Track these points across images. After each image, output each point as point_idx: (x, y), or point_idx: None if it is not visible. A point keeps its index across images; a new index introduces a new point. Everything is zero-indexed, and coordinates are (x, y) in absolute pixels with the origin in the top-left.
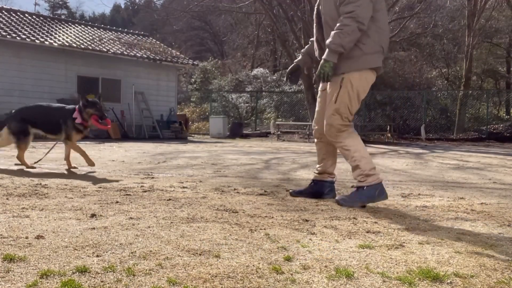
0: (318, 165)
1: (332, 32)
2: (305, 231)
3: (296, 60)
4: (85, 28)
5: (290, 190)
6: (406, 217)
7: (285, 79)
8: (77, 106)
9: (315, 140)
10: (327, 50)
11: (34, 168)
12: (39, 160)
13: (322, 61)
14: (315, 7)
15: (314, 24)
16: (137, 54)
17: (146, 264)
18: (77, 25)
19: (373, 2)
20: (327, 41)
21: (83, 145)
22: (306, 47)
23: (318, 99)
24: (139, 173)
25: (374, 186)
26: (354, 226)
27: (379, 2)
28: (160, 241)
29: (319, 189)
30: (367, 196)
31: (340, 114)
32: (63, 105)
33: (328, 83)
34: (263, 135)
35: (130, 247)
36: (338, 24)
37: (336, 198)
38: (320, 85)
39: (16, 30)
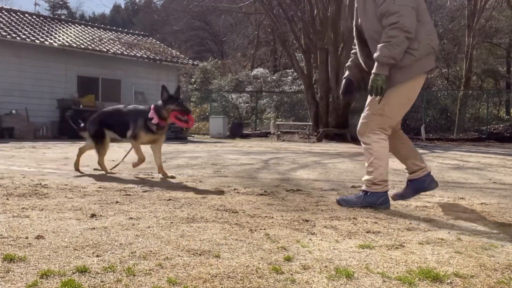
0: (404, 166)
1: (379, 45)
2: (305, 231)
3: (345, 76)
4: (85, 28)
5: (392, 195)
6: (406, 217)
7: (341, 96)
8: (153, 105)
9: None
10: (376, 63)
11: (114, 173)
12: (116, 165)
13: (372, 75)
14: (354, 24)
15: (356, 41)
16: (137, 54)
17: (146, 264)
18: (77, 25)
19: (416, 7)
20: (375, 55)
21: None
22: (350, 60)
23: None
24: (139, 173)
25: (379, 194)
26: (354, 226)
27: (421, 5)
28: (160, 241)
29: (419, 187)
30: (369, 201)
31: (382, 116)
32: (138, 105)
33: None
34: (263, 135)
35: (130, 247)
36: (384, 37)
37: (337, 198)
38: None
39: (16, 30)
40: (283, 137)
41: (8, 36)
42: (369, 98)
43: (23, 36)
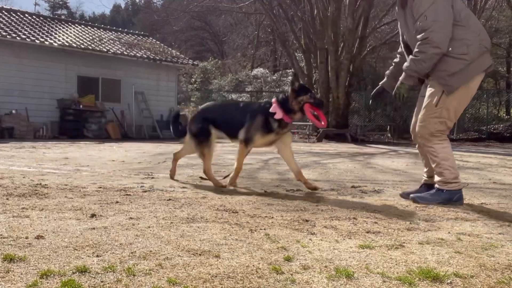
0: (425, 169)
1: (409, 57)
2: (305, 231)
3: (381, 83)
4: (85, 28)
5: (400, 192)
6: (406, 217)
7: (370, 101)
8: (275, 98)
9: (417, 145)
10: (403, 73)
11: (224, 187)
12: (227, 175)
13: (398, 83)
14: (400, 37)
15: (404, 52)
16: (137, 54)
17: (146, 264)
18: (77, 25)
19: (455, 15)
20: (404, 65)
21: (83, 145)
22: (390, 69)
23: (418, 104)
24: (139, 173)
25: (454, 191)
26: (354, 226)
27: (462, 12)
28: (160, 241)
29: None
30: (444, 198)
31: (440, 118)
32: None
33: (430, 84)
34: None
35: (130, 247)
36: (415, 51)
37: (411, 196)
38: (421, 90)
39: (16, 30)
40: None
41: (8, 36)
42: (425, 101)
43: (23, 36)
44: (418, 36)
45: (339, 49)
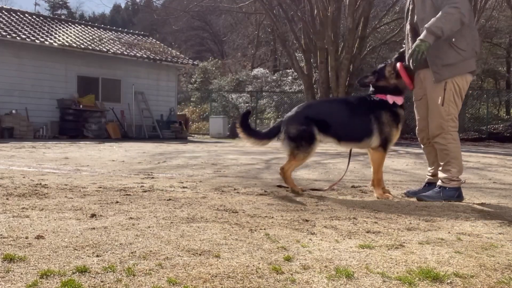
0: (429, 168)
1: (433, 18)
2: (305, 231)
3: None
4: (85, 28)
5: (405, 191)
6: (406, 217)
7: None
8: (373, 90)
9: (422, 145)
10: (424, 31)
11: (302, 195)
12: (335, 184)
13: (418, 41)
14: (408, 24)
15: (408, 39)
16: (137, 54)
17: (146, 264)
18: (77, 25)
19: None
20: (426, 25)
21: (83, 145)
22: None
23: (416, 109)
24: (139, 173)
25: (456, 188)
26: (354, 226)
27: (470, 12)
28: (160, 241)
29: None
30: (448, 195)
31: (450, 115)
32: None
33: (428, 90)
34: None
35: (130, 247)
36: (440, 13)
37: (417, 195)
38: (414, 96)
39: (16, 30)
40: None
41: (8, 36)
42: (430, 104)
43: (23, 36)
44: (445, 2)
45: (339, 49)
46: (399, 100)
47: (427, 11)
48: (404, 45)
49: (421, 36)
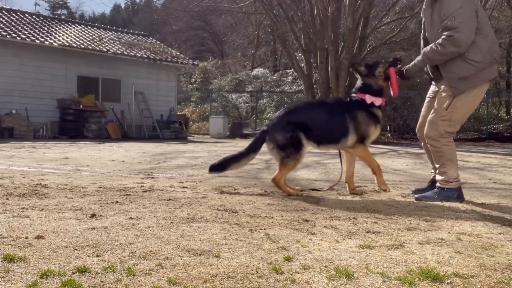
0: (432, 166)
1: (429, 46)
2: (305, 231)
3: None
4: (85, 28)
5: (413, 189)
6: (406, 217)
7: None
8: (361, 82)
9: (423, 143)
10: (421, 55)
11: (301, 195)
12: (330, 187)
13: (413, 62)
14: (421, 37)
15: (423, 48)
16: (137, 54)
17: (146, 264)
18: (77, 25)
19: (478, 22)
20: (424, 49)
21: (83, 145)
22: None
23: (425, 105)
24: (139, 173)
25: (454, 189)
26: (354, 226)
27: (484, 18)
28: (160, 241)
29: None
30: (446, 195)
31: (449, 121)
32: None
33: (442, 88)
34: None
35: (130, 247)
36: (438, 41)
37: (415, 196)
38: (429, 92)
39: (16, 30)
40: None
41: (8, 36)
42: (436, 104)
43: (23, 36)
44: (444, 33)
45: (339, 49)
46: (377, 101)
47: (434, 31)
48: (399, 52)
49: (417, 59)
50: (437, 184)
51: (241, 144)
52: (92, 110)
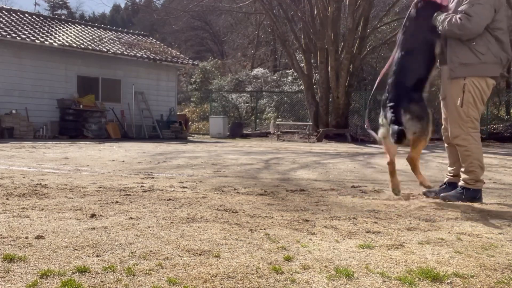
0: (450, 168)
1: (445, 14)
2: (305, 231)
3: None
4: (85, 28)
5: (424, 190)
6: (406, 217)
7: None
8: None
9: (446, 144)
10: (443, 14)
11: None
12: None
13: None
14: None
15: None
16: (137, 54)
17: (146, 264)
18: (77, 25)
19: (496, 21)
20: (443, 14)
21: (83, 145)
22: None
23: (442, 108)
24: (139, 173)
25: (478, 190)
26: (354, 226)
27: (504, 22)
28: (160, 241)
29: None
30: (470, 196)
31: (470, 117)
32: None
33: (446, 90)
34: (263, 135)
35: (130, 247)
36: (450, 15)
37: (441, 195)
38: (441, 95)
39: (16, 30)
40: (283, 137)
41: (8, 36)
42: (449, 105)
43: (23, 36)
44: (459, 13)
45: (339, 49)
46: None
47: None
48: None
49: (441, 16)
50: (462, 183)
51: (241, 144)
52: (92, 110)
